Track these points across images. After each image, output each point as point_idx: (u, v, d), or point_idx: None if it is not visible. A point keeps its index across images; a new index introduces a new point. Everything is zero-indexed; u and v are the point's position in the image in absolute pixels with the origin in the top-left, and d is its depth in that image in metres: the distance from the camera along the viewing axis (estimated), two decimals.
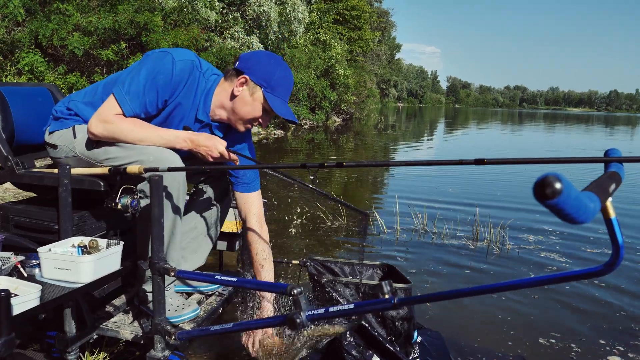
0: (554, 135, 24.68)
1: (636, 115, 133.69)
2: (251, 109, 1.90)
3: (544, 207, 0.59)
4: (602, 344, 2.58)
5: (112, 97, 1.80)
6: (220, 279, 1.45)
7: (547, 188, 0.55)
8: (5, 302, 1.10)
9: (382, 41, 48.91)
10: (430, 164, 1.25)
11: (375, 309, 1.10)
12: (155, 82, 1.81)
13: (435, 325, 2.60)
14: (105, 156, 1.86)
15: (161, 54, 1.84)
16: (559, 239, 4.52)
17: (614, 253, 0.83)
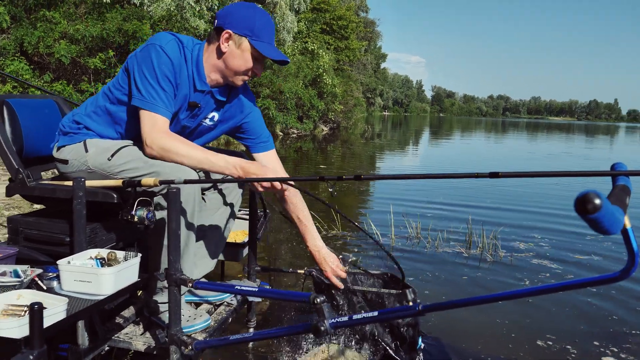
0: (540, 145, 25.03)
1: (615, 124, 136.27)
2: (242, 60, 1.92)
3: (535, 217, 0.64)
4: (596, 345, 2.67)
5: (143, 113, 1.82)
6: (241, 289, 1.48)
7: (589, 204, 0.60)
8: (39, 315, 1.12)
9: (368, 51, 49.27)
10: (448, 177, 1.31)
11: (401, 315, 1.15)
12: (164, 75, 1.84)
13: (436, 332, 2.65)
14: (120, 168, 1.88)
15: (148, 49, 1.86)
16: (549, 247, 4.61)
17: (630, 260, 0.89)
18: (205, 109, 2.06)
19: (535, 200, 7.25)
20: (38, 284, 1.53)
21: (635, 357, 2.55)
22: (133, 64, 1.89)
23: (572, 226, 5.50)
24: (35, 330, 1.12)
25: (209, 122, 2.12)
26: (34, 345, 1.13)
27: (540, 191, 8.28)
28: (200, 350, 1.74)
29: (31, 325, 1.12)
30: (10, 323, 1.16)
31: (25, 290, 1.40)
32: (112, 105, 1.98)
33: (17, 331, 1.17)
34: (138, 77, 1.85)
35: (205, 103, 2.04)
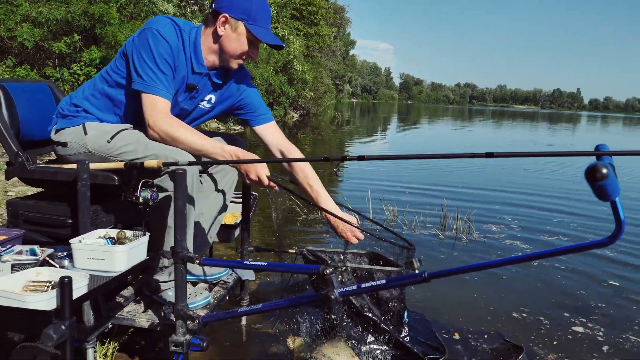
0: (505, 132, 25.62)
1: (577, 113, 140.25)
2: (238, 44, 1.98)
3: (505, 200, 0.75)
4: (567, 316, 2.88)
5: (144, 96, 1.87)
6: (250, 264, 1.56)
7: (598, 173, 0.71)
8: (69, 288, 1.18)
9: (337, 37, 49.23)
10: (446, 157, 1.41)
11: (408, 283, 1.25)
12: (162, 58, 1.89)
13: (420, 307, 2.79)
14: (119, 150, 1.93)
15: (145, 33, 1.90)
16: (519, 228, 4.82)
17: (617, 227, 1.01)
18: (203, 91, 2.12)
19: (505, 184, 7.51)
20: (50, 263, 1.57)
21: (601, 326, 2.75)
22: (131, 48, 1.93)
23: (540, 209, 5.75)
24: (66, 301, 1.18)
25: (207, 104, 2.17)
26: (65, 316, 1.19)
27: (510, 175, 8.57)
28: (204, 325, 1.81)
29: (62, 297, 1.18)
30: (39, 296, 1.22)
31: (42, 267, 1.44)
32: (110, 89, 2.02)
33: (46, 304, 1.22)
34: (137, 62, 1.89)
35: (202, 85, 2.09)
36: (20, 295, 1.22)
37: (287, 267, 1.71)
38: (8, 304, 1.23)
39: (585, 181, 0.79)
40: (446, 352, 2.37)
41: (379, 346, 2.36)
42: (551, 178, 8.68)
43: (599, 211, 5.80)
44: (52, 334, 1.17)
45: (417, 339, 2.46)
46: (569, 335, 2.64)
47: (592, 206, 6.09)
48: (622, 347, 2.53)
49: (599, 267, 3.74)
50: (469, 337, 2.56)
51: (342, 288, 1.36)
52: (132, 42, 1.94)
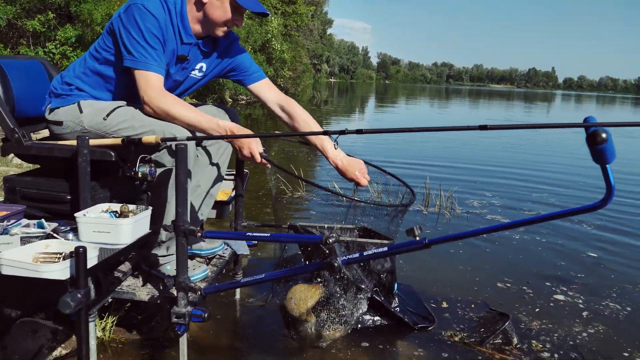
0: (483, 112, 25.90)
1: (552, 92, 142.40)
2: (222, 12, 1.99)
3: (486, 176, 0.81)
4: (548, 285, 3.02)
5: (137, 72, 1.87)
6: (253, 235, 1.60)
7: (598, 137, 0.78)
8: (84, 257, 1.21)
9: (315, 16, 48.80)
10: (442, 130, 1.46)
11: (409, 249, 1.31)
12: (151, 33, 1.88)
13: (409, 279, 2.89)
14: (116, 127, 1.94)
15: (131, 10, 1.89)
16: (500, 203, 4.96)
17: (608, 192, 1.08)
18: (193, 60, 2.13)
19: (486, 160, 7.67)
20: (55, 236, 1.60)
21: (580, 293, 2.89)
22: (118, 25, 1.92)
23: (519, 185, 5.90)
24: (81, 270, 1.21)
25: (198, 72, 2.18)
26: (80, 285, 1.22)
27: (490, 151, 8.74)
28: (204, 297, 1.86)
29: (77, 266, 1.21)
30: (54, 266, 1.25)
31: (50, 240, 1.47)
32: (101, 66, 2.02)
33: (60, 273, 1.26)
34: (126, 39, 1.89)
35: (193, 55, 2.10)
36: (35, 266, 1.25)
37: (291, 238, 1.76)
38: (23, 274, 1.26)
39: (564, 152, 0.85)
40: (435, 321, 2.47)
41: (371, 316, 2.45)
42: (531, 154, 8.88)
43: (578, 185, 6.00)
44: (70, 302, 1.21)
45: (407, 309, 2.55)
46: (551, 302, 2.76)
47: (571, 180, 6.29)
48: (602, 313, 2.66)
49: (578, 240, 3.89)
50: (457, 306, 2.66)
51: (345, 256, 1.41)
52: (119, 18, 1.93)
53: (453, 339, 2.33)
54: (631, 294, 2.92)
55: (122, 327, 2.27)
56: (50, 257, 1.35)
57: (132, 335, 2.25)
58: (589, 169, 7.19)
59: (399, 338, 2.34)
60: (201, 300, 1.93)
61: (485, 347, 2.24)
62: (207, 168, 2.34)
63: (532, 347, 2.27)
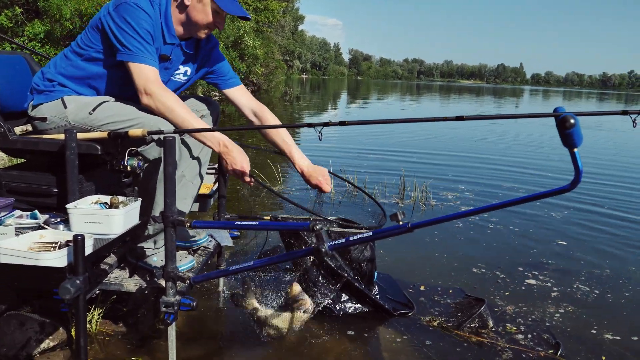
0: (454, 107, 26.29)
1: (520, 87, 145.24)
2: (203, 14, 2.03)
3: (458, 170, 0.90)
4: (521, 270, 3.17)
5: (134, 66, 1.89)
6: (242, 224, 1.66)
7: (567, 122, 0.86)
8: (82, 245, 1.25)
9: (286, 12, 48.68)
10: (422, 121, 1.54)
11: (394, 233, 1.39)
12: (144, 29, 1.92)
13: (388, 269, 2.98)
14: (102, 122, 1.96)
15: (124, 7, 1.91)
16: (473, 194, 5.12)
17: (576, 175, 1.17)
18: (175, 62, 2.16)
19: (457, 153, 7.84)
20: (46, 228, 1.62)
21: (551, 278, 3.03)
22: (107, 21, 1.94)
23: (490, 177, 6.08)
24: (79, 257, 1.25)
25: (183, 76, 2.22)
26: (79, 272, 1.26)
27: (461, 144, 8.93)
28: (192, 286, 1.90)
29: (75, 253, 1.25)
30: (52, 254, 1.29)
31: (44, 230, 1.50)
32: (85, 63, 2.03)
33: (59, 261, 1.29)
34: (119, 34, 1.91)
35: (175, 56, 2.14)
36: (34, 254, 1.29)
37: (279, 226, 1.81)
38: (22, 262, 1.29)
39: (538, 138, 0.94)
40: (414, 308, 2.56)
41: (353, 304, 2.53)
42: (501, 147, 9.10)
43: (547, 176, 6.22)
44: (70, 288, 1.25)
45: (387, 297, 2.64)
46: (524, 287, 2.89)
47: (540, 171, 6.51)
48: (572, 296, 2.80)
49: (548, 229, 4.06)
50: (434, 293, 2.76)
51: (331, 241, 1.48)
52: (109, 15, 1.94)
53: (432, 323, 2.42)
54: (599, 277, 3.08)
55: (109, 319, 2.29)
56: (46, 247, 1.38)
57: (118, 327, 2.28)
58: (555, 161, 7.44)
59: (381, 325, 2.43)
60: (189, 290, 1.98)
61: (462, 331, 2.35)
62: (190, 160, 2.37)
63: (507, 330, 2.38)
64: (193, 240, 2.37)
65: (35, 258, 1.28)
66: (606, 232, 4.05)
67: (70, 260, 1.30)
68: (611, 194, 5.41)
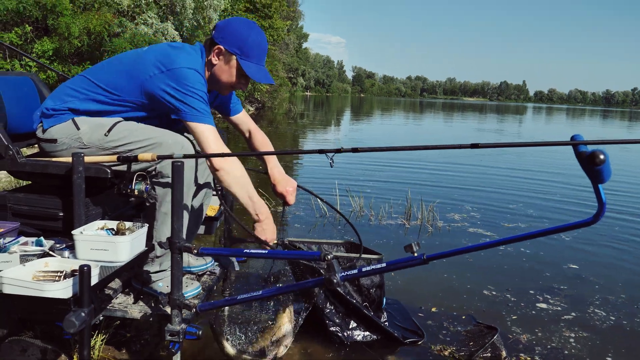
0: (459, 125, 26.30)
1: (523, 105, 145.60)
2: (228, 76, 2.05)
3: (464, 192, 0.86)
4: (532, 294, 3.11)
5: (198, 126, 1.90)
6: (250, 252, 1.62)
7: (597, 159, 0.82)
8: (88, 276, 1.21)
9: (290, 30, 49.11)
10: (434, 148, 1.51)
11: (408, 265, 1.35)
12: (204, 95, 1.95)
13: (397, 294, 2.92)
14: (118, 142, 1.94)
15: (187, 72, 1.92)
16: (480, 216, 5.06)
17: (600, 208, 1.14)
18: None
19: (462, 176, 7.79)
20: (50, 254, 1.59)
21: (563, 303, 2.96)
22: (159, 84, 1.92)
23: (496, 200, 6.02)
24: (85, 288, 1.21)
25: None
26: (84, 303, 1.22)
27: (468, 166, 8.88)
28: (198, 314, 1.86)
29: (81, 285, 1.21)
30: (57, 285, 1.25)
31: (49, 258, 1.46)
32: (113, 106, 2.01)
33: (63, 292, 1.25)
34: (180, 96, 1.91)
35: None
36: (38, 284, 1.25)
37: (289, 254, 1.77)
38: (25, 293, 1.25)
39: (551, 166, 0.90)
40: (424, 336, 2.50)
41: (361, 331, 2.47)
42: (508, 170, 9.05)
43: (551, 196, 6.16)
44: (75, 321, 1.21)
45: (396, 324, 2.58)
46: (537, 312, 2.83)
47: (546, 195, 6.44)
48: (587, 322, 2.74)
49: (559, 251, 4.00)
50: (444, 319, 2.70)
51: (343, 272, 1.44)
52: (163, 75, 1.92)
53: (443, 353, 2.36)
54: (614, 303, 3.01)
55: (112, 345, 2.24)
56: (51, 276, 1.34)
57: (121, 353, 2.22)
58: (562, 179, 7.39)
59: (390, 353, 2.36)
60: (195, 318, 1.94)
61: None
62: (197, 184, 2.35)
63: None
64: (199, 265, 2.33)
65: (39, 289, 1.24)
66: (619, 256, 3.99)
67: (75, 292, 1.26)
68: (624, 216, 5.36)
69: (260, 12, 30.12)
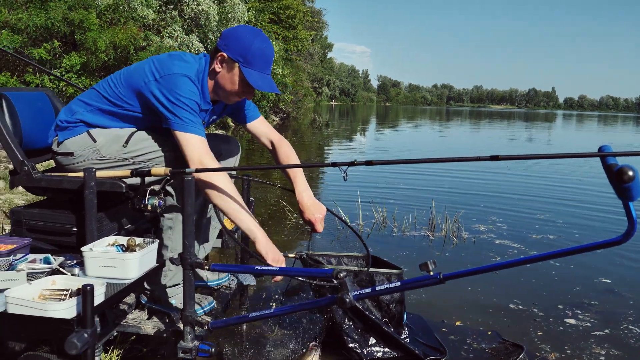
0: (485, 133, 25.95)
1: (553, 112, 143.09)
2: (231, 84, 1.98)
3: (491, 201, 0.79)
4: (560, 308, 2.99)
5: (183, 135, 1.84)
6: (261, 269, 1.57)
7: (625, 175, 0.75)
8: (91, 296, 1.18)
9: (315, 40, 49.37)
10: (452, 161, 1.44)
11: (424, 284, 1.28)
12: (191, 100, 1.89)
13: (418, 309, 2.83)
14: (138, 153, 1.93)
15: (173, 78, 1.88)
16: (507, 226, 4.92)
17: (630, 226, 1.05)
18: (206, 121, 2.14)
19: (490, 185, 7.63)
20: (61, 271, 1.57)
21: (594, 319, 2.83)
22: (152, 90, 1.89)
23: (524, 210, 5.86)
24: (89, 309, 1.18)
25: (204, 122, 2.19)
26: (87, 324, 1.19)
27: (494, 176, 8.69)
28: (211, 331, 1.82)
29: (84, 305, 1.18)
30: (60, 305, 1.22)
31: (57, 276, 1.44)
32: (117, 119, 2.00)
33: (67, 312, 1.22)
34: (168, 104, 1.86)
35: (206, 117, 2.11)
36: (41, 304, 1.22)
37: (300, 272, 1.71)
38: (29, 313, 1.23)
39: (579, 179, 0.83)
40: (447, 353, 2.41)
41: (381, 348, 2.39)
42: (535, 178, 8.84)
43: (583, 207, 5.95)
44: (76, 342, 1.17)
45: (417, 340, 2.49)
46: (565, 329, 2.70)
47: (575, 205, 6.24)
48: (619, 340, 2.60)
49: (590, 265, 3.84)
50: (468, 336, 2.60)
51: (356, 291, 1.38)
52: (155, 82, 1.89)
53: None
54: None
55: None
56: (57, 294, 1.32)
57: None
58: (592, 188, 7.17)
59: None
60: (208, 334, 1.89)
61: None
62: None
63: None
64: (214, 279, 2.30)
65: (42, 309, 1.21)
66: None
67: (79, 312, 1.23)
68: None
69: (285, 23, 30.40)
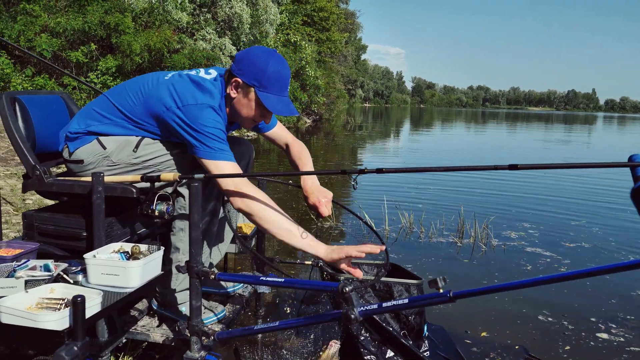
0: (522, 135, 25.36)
1: (593, 114, 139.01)
2: (248, 109, 1.93)
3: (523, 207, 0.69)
4: (593, 321, 2.85)
5: (214, 164, 1.79)
6: (267, 280, 1.51)
7: None
8: (82, 307, 1.14)
9: (349, 42, 49.28)
10: (468, 169, 1.35)
11: (432, 302, 1.19)
12: (220, 133, 1.84)
13: (440, 320, 2.72)
14: (148, 157, 1.90)
15: (202, 110, 1.83)
16: (539, 235, 4.72)
17: None
18: None
19: (522, 191, 7.39)
20: (64, 278, 1.54)
21: (629, 334, 2.66)
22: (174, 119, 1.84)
23: (558, 216, 5.64)
24: (79, 321, 1.14)
25: None
26: (77, 337, 1.15)
27: (526, 181, 8.43)
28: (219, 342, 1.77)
29: (74, 317, 1.14)
30: (51, 316, 1.19)
31: (57, 284, 1.41)
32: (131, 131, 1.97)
33: (58, 323, 1.19)
34: (195, 133, 1.81)
35: None
36: (33, 315, 1.19)
37: (305, 284, 1.64)
38: (20, 323, 1.20)
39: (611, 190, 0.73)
40: None
41: None
42: (568, 184, 8.54)
43: (619, 217, 5.69)
44: (64, 356, 1.14)
45: (438, 354, 2.39)
46: (597, 344, 2.55)
47: (613, 210, 5.98)
48: None
49: (629, 276, 3.62)
50: (492, 350, 2.49)
51: (362, 307, 1.30)
52: (178, 111, 1.83)
53: None
54: None
55: None
56: (53, 304, 1.29)
57: None
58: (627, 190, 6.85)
59: None
60: (216, 344, 1.84)
61: None
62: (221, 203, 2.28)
63: None
64: (227, 286, 2.25)
65: (33, 319, 1.18)
66: None
67: (70, 323, 1.19)
68: None
69: (318, 25, 30.45)
